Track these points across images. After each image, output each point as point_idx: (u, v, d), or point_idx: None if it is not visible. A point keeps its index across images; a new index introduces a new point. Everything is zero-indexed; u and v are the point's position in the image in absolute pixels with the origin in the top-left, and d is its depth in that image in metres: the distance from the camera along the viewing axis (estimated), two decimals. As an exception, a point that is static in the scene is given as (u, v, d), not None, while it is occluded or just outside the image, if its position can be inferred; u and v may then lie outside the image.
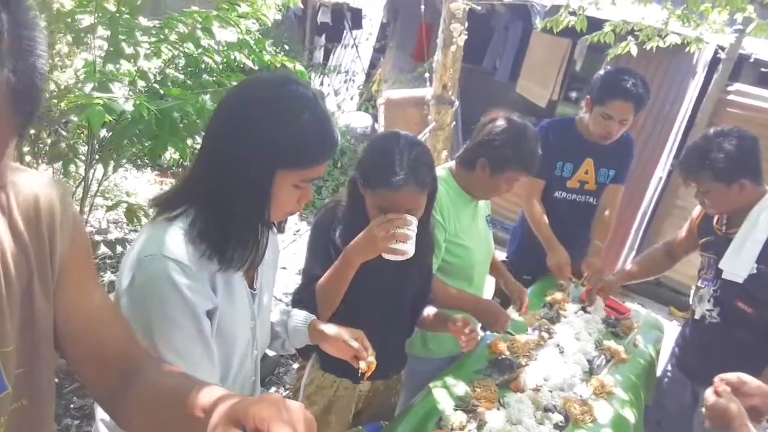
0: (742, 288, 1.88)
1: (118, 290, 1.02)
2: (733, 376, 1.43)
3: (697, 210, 2.21)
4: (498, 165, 1.83)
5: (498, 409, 1.66)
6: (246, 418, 0.60)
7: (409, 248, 1.41)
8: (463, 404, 1.66)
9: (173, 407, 0.72)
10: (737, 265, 1.89)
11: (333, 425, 1.71)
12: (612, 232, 2.72)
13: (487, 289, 2.24)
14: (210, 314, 1.04)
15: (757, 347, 1.85)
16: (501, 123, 1.87)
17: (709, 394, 1.40)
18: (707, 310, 2.02)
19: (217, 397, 0.68)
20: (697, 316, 2.08)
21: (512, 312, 2.17)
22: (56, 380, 0.79)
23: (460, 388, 1.75)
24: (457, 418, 1.59)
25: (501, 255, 2.82)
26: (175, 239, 0.99)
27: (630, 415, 1.82)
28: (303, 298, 1.54)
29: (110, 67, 2.43)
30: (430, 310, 1.78)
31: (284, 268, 3.60)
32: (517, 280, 2.55)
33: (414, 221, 1.43)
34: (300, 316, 1.39)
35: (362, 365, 1.31)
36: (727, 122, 4.20)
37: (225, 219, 1.02)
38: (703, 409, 1.42)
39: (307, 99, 1.01)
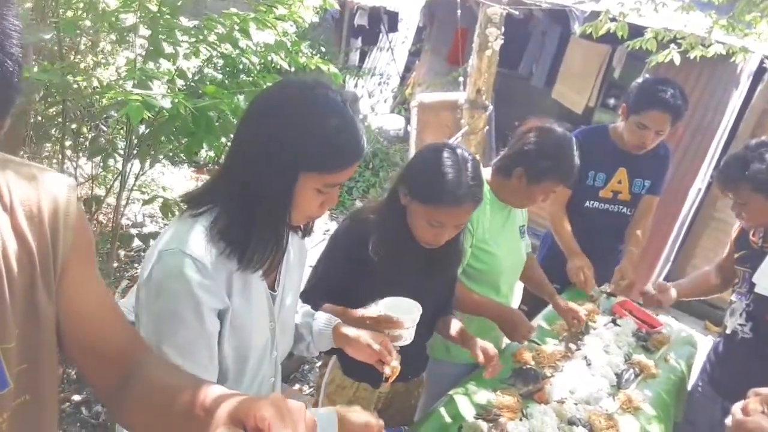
0: None
1: (139, 282, 1.05)
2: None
3: (737, 225, 2.15)
4: (535, 175, 1.81)
5: (521, 419, 1.64)
6: (247, 417, 0.60)
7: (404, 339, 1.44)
8: (485, 413, 1.65)
9: (174, 405, 0.72)
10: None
11: None
12: (646, 242, 2.66)
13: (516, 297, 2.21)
14: (221, 315, 1.05)
15: None
16: (541, 133, 1.85)
17: (736, 410, 1.36)
18: (739, 324, 1.97)
19: (219, 396, 0.68)
20: (728, 331, 2.03)
21: (539, 320, 2.14)
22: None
23: (482, 396, 1.73)
24: (479, 427, 1.58)
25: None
26: (197, 236, 1.01)
27: (658, 431, 1.78)
28: (310, 297, 1.51)
29: (150, 65, 2.50)
30: (454, 326, 1.75)
31: (310, 266, 3.63)
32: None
33: (410, 321, 1.43)
34: (323, 318, 1.40)
35: (386, 370, 1.31)
36: (772, 133, 4.07)
37: (246, 219, 1.03)
38: (728, 421, 1.37)
39: (335, 104, 1.02)
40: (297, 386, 2.99)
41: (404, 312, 1.43)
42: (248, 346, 1.11)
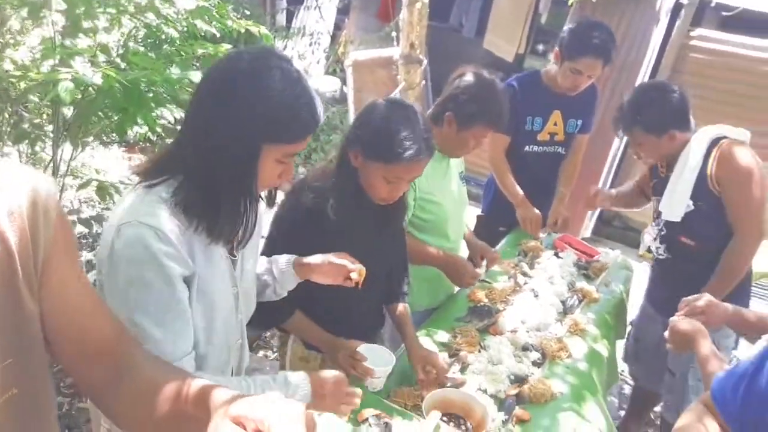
0: (682, 224, 2.02)
1: (99, 259, 1.04)
2: (696, 298, 1.54)
3: None
4: (464, 120, 1.85)
5: (479, 351, 1.75)
6: (246, 417, 0.60)
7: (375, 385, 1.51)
8: (447, 349, 1.75)
9: (167, 402, 0.73)
10: (673, 205, 2.03)
11: None
12: (578, 179, 2.81)
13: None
14: (188, 281, 1.06)
15: (704, 277, 1.98)
16: (468, 78, 1.89)
17: (672, 320, 1.51)
18: (656, 248, 2.17)
19: (217, 395, 0.69)
20: (655, 256, 2.22)
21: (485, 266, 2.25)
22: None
23: (443, 335, 1.83)
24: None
25: (476, 210, 2.90)
26: (153, 206, 1.01)
27: (602, 349, 1.94)
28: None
29: (68, 42, 2.36)
30: (406, 331, 1.74)
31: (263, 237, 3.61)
32: (492, 232, 2.63)
33: (380, 372, 1.49)
34: (282, 258, 1.42)
35: (354, 276, 1.37)
36: (690, 68, 4.30)
37: (212, 193, 1.03)
38: (666, 334, 1.53)
39: (290, 74, 1.02)
40: (261, 353, 3.03)
41: (379, 361, 1.50)
42: (214, 309, 1.13)
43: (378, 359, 1.50)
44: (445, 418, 1.43)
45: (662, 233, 2.13)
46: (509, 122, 2.09)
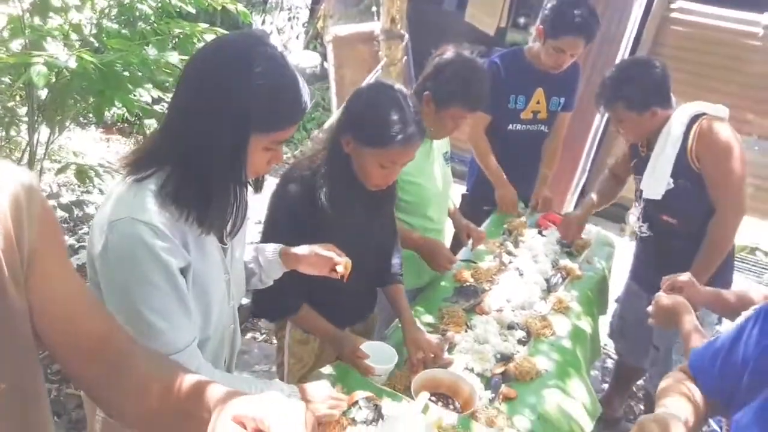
0: (663, 203, 2.04)
1: (91, 255, 1.03)
2: (683, 276, 1.58)
3: None
4: (442, 100, 1.83)
5: (466, 331, 1.77)
6: (247, 416, 0.61)
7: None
8: (434, 329, 1.77)
9: (164, 398, 0.73)
10: (653, 183, 2.04)
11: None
12: (560, 158, 2.83)
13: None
14: (184, 272, 1.06)
15: (687, 254, 2.01)
16: (448, 56, 1.86)
17: (657, 296, 1.55)
18: (639, 226, 2.20)
19: (210, 390, 0.69)
20: (639, 234, 2.25)
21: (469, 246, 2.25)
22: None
23: (429, 316, 1.84)
24: (429, 343, 1.69)
25: (461, 189, 2.90)
26: (145, 201, 1.00)
27: (586, 325, 1.98)
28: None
29: (38, 21, 2.28)
30: (401, 307, 1.76)
31: (258, 222, 3.56)
32: (476, 211, 2.64)
33: (381, 370, 1.50)
34: (269, 248, 1.42)
35: (339, 269, 1.38)
36: (671, 41, 4.32)
37: (201, 183, 1.02)
38: (649, 308, 1.56)
39: (277, 60, 1.00)
40: (249, 335, 3.04)
41: (381, 357, 1.52)
42: (209, 298, 1.13)
43: (381, 356, 1.53)
44: (433, 398, 1.45)
45: (644, 212, 2.15)
46: (492, 101, 2.07)
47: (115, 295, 1.01)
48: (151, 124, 3.84)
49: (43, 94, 2.34)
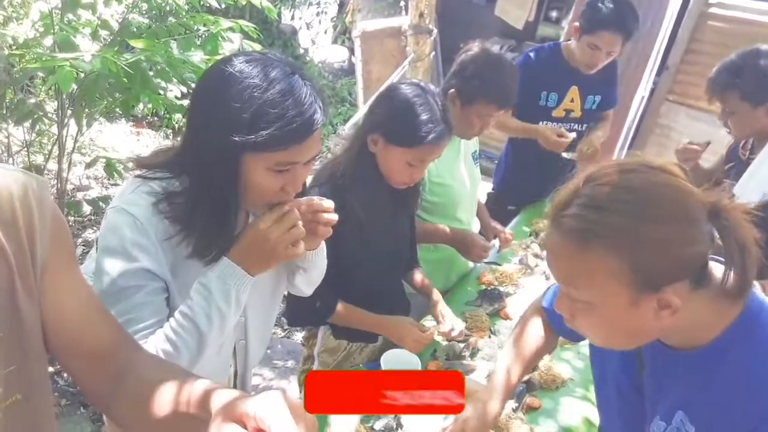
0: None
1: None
2: None
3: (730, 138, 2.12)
4: (467, 96, 1.79)
5: (489, 336, 1.73)
6: (247, 416, 0.60)
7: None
8: (457, 335, 1.73)
9: (168, 403, 0.72)
10: (749, 189, 1.83)
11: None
12: (608, 133, 2.70)
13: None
14: (164, 280, 1.03)
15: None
16: (473, 53, 1.82)
17: None
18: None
19: (217, 394, 0.68)
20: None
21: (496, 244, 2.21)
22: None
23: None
24: (452, 348, 1.66)
25: (488, 186, 2.85)
26: (140, 195, 1.00)
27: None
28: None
29: (69, 16, 2.31)
30: (418, 278, 1.80)
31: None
32: (502, 210, 2.58)
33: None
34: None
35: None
36: (708, 37, 4.16)
37: (195, 204, 1.00)
38: None
39: (279, 79, 0.94)
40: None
41: (405, 365, 1.49)
42: None
43: (403, 363, 1.51)
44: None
45: None
46: (520, 96, 1.98)
47: (94, 277, 1.01)
48: (180, 119, 3.90)
49: (73, 89, 2.37)
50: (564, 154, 2.47)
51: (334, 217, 1.10)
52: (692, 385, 0.83)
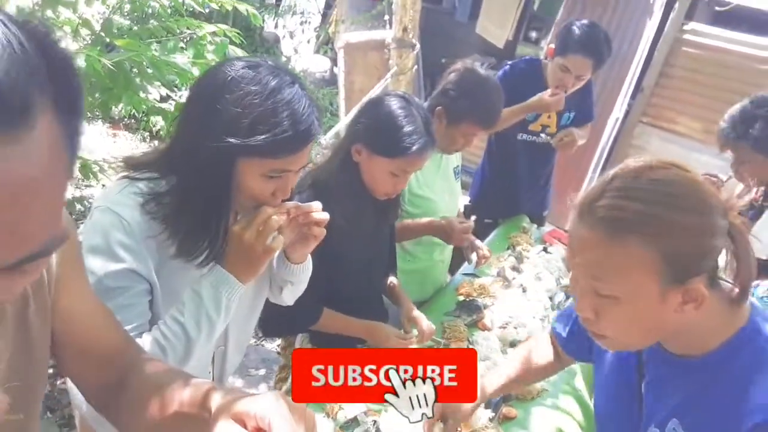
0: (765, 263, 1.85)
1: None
2: None
3: (738, 186, 2.05)
4: (454, 116, 1.82)
5: (467, 347, 1.75)
6: (248, 415, 0.60)
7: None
8: (435, 344, 1.74)
9: (170, 404, 0.72)
10: (763, 240, 1.85)
11: None
12: (565, 170, 2.74)
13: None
14: (149, 280, 1.02)
15: None
16: (462, 73, 1.85)
17: None
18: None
19: (217, 395, 0.68)
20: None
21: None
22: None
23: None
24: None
25: (464, 200, 2.88)
26: (126, 196, 1.00)
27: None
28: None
29: (49, 14, 2.27)
30: (393, 280, 1.82)
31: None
32: (479, 223, 2.61)
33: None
34: None
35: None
36: (682, 62, 4.30)
37: (182, 204, 1.00)
38: None
39: (276, 83, 0.95)
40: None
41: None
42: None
43: None
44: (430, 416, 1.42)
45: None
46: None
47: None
48: (158, 122, 3.84)
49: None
50: (543, 135, 2.56)
51: (325, 215, 1.11)
52: (689, 392, 0.85)
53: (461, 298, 2.00)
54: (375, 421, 1.29)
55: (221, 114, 0.94)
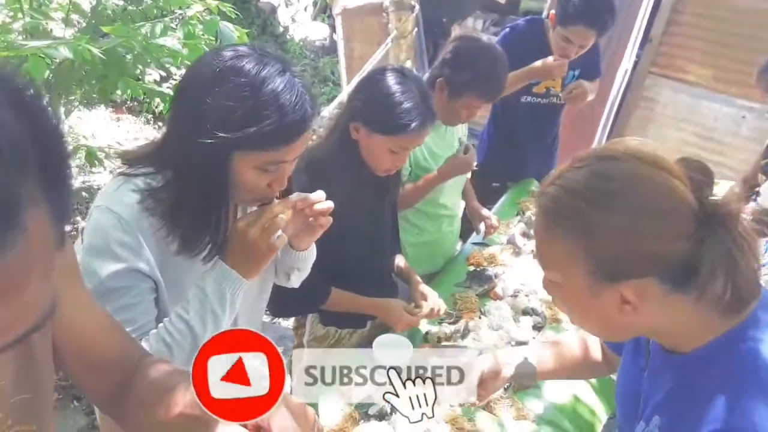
0: None
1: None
2: None
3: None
4: (455, 88, 1.77)
5: (479, 317, 1.75)
6: None
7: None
8: (447, 316, 1.74)
9: (173, 405, 0.72)
10: None
11: None
12: (571, 135, 2.68)
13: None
14: (153, 277, 1.02)
15: None
16: (462, 42, 1.80)
17: None
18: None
19: None
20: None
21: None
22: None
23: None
24: (442, 330, 1.67)
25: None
26: (124, 194, 0.98)
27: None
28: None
29: (39, 1, 2.23)
30: (399, 263, 1.81)
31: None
32: (486, 188, 2.58)
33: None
34: None
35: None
36: (690, 8, 4.14)
37: (179, 198, 0.98)
38: None
39: (267, 71, 0.92)
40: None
41: (396, 347, 1.47)
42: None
43: (396, 346, 1.50)
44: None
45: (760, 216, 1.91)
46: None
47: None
48: (160, 104, 3.81)
49: (48, 76, 2.30)
50: (547, 97, 2.49)
51: (330, 204, 1.09)
52: (670, 390, 0.82)
53: (471, 268, 1.99)
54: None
55: (211, 109, 0.92)
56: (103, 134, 4.48)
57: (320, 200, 1.08)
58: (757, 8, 3.91)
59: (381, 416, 1.27)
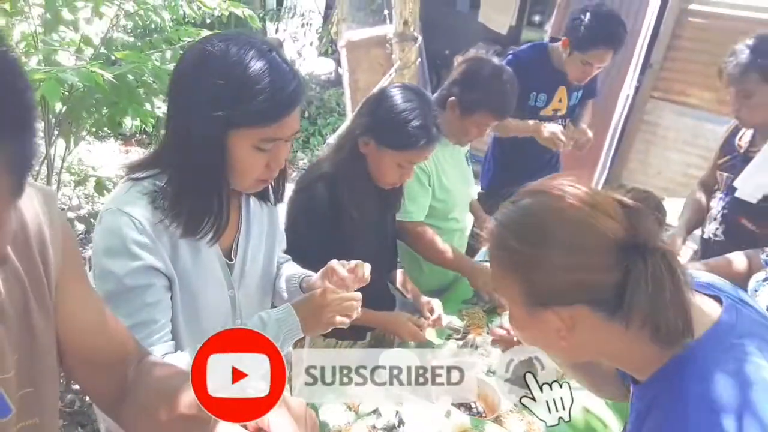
0: (752, 207, 1.80)
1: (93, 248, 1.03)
2: None
3: (723, 130, 2.09)
4: (467, 106, 1.82)
5: (487, 333, 1.73)
6: None
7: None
8: (455, 332, 1.73)
9: (175, 406, 0.73)
10: (752, 184, 1.78)
11: None
12: (576, 154, 2.71)
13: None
14: (168, 276, 1.03)
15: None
16: (475, 63, 1.85)
17: None
18: (715, 228, 1.95)
19: None
20: (705, 236, 2.01)
21: None
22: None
23: (451, 319, 1.80)
24: (449, 347, 1.66)
25: (476, 189, 2.86)
26: (134, 196, 1.00)
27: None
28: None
29: (54, 36, 2.31)
30: (400, 279, 1.83)
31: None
32: (495, 206, 2.58)
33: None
34: (291, 280, 1.31)
35: (366, 273, 1.23)
36: (689, 33, 4.21)
37: (181, 186, 1.00)
38: None
39: (256, 52, 0.96)
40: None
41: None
42: (200, 311, 1.10)
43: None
44: (455, 402, 1.41)
45: (724, 212, 1.91)
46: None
47: (96, 281, 1.00)
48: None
49: (58, 107, 2.37)
50: (558, 112, 2.54)
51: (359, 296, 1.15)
52: (633, 420, 0.84)
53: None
54: (397, 412, 1.28)
55: (204, 89, 0.94)
56: (111, 166, 4.55)
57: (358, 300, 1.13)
58: (754, 31, 3.97)
59: (389, 429, 1.25)
